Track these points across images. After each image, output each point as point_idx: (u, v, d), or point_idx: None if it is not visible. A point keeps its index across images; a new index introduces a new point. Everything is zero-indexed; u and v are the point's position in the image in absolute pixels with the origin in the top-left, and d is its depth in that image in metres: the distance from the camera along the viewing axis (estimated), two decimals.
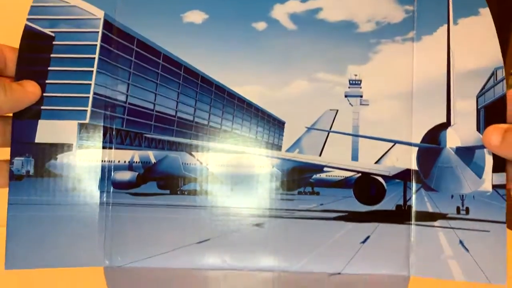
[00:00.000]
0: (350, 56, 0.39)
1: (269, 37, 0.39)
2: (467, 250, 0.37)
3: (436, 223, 0.38)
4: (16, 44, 0.36)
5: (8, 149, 0.36)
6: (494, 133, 0.34)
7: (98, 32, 0.37)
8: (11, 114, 0.36)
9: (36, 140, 0.36)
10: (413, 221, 0.38)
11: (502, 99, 0.36)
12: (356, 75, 0.39)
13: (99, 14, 0.38)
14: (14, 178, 0.35)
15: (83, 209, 0.37)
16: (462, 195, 0.38)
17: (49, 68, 0.36)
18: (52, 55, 0.37)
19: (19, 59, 0.36)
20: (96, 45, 0.37)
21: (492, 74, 0.38)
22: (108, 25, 0.38)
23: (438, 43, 0.39)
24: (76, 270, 0.37)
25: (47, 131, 0.36)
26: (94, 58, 0.37)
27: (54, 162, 0.37)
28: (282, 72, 0.39)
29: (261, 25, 0.39)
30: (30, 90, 0.35)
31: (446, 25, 0.38)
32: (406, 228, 0.38)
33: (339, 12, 0.39)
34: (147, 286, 0.39)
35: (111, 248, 0.38)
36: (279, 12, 0.39)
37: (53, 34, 0.37)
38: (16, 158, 0.36)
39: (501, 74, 0.37)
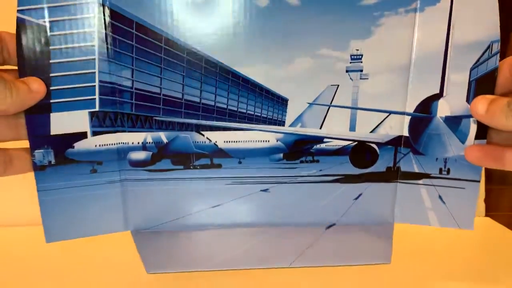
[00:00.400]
0: (352, 30, 0.39)
1: (272, 13, 0.38)
2: (444, 203, 0.43)
3: (420, 182, 0.43)
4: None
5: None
6: (481, 102, 0.37)
7: (94, 17, 0.36)
8: None
9: (52, 133, 0.37)
10: (400, 180, 0.43)
11: (492, 73, 0.38)
12: (357, 50, 0.39)
13: None
14: (38, 168, 0.38)
15: (105, 187, 0.40)
16: (446, 158, 0.42)
17: (50, 61, 0.36)
18: (51, 47, 0.35)
19: (18, 55, 0.35)
20: (94, 31, 0.36)
21: (488, 47, 0.39)
22: (104, 9, 0.36)
23: (441, 14, 0.38)
24: (107, 237, 0.42)
25: (60, 123, 0.37)
26: (94, 46, 0.36)
27: (72, 150, 0.38)
28: (285, 49, 0.39)
29: (263, 1, 0.37)
30: (35, 89, 0.35)
31: None
32: (394, 185, 0.44)
33: None
34: (168, 245, 0.45)
35: (134, 216, 0.42)
36: None
37: (48, 24, 0.35)
38: (36, 151, 0.37)
39: (496, 47, 0.38)
